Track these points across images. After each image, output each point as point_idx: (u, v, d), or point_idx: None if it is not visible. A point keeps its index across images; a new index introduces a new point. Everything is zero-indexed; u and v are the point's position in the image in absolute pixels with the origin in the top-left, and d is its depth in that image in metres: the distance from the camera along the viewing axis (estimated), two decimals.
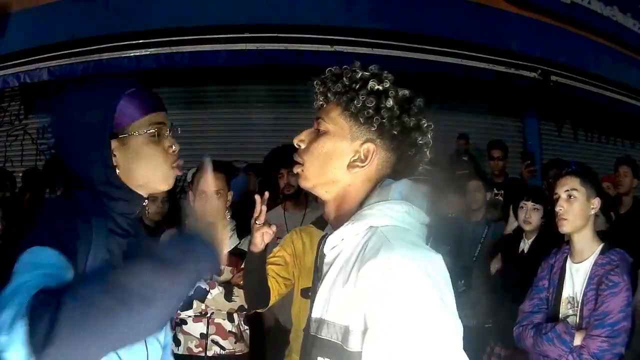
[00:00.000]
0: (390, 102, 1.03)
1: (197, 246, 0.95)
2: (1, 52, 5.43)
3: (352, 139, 1.05)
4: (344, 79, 1.06)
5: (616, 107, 7.00)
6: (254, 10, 5.34)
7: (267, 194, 1.87)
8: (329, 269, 1.05)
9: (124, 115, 1.09)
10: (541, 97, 6.43)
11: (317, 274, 1.12)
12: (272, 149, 3.43)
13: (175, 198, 4.43)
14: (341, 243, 1.03)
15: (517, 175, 4.68)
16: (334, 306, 1.00)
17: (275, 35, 5.42)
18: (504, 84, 6.09)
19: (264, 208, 1.84)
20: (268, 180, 3.87)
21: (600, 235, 2.21)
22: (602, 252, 2.08)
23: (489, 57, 5.99)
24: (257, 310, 2.45)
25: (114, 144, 1.09)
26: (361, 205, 1.05)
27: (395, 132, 1.04)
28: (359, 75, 1.05)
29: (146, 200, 1.17)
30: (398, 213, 1.01)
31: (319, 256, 1.12)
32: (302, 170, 1.09)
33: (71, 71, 5.40)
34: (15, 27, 5.42)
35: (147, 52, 5.38)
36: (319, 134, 1.08)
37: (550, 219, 2.50)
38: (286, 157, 3.17)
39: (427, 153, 1.09)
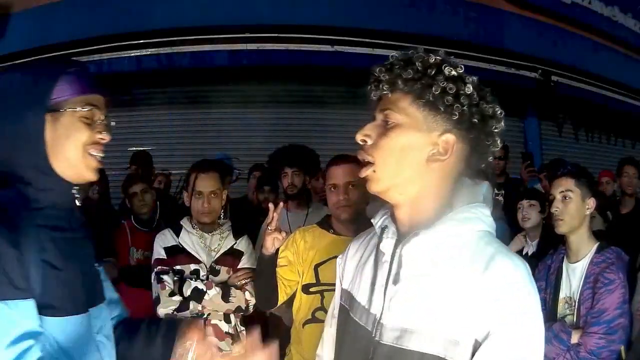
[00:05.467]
0: (469, 88, 0.94)
1: None
2: (1, 52, 5.43)
3: (428, 131, 0.94)
4: (417, 64, 0.95)
5: (616, 107, 7.01)
6: (255, 11, 5.34)
7: (281, 203, 1.90)
8: (414, 272, 0.95)
9: (61, 90, 1.07)
10: (541, 97, 6.43)
11: (389, 276, 0.99)
12: (276, 149, 3.41)
13: (172, 197, 4.44)
14: (433, 244, 0.94)
15: (517, 175, 4.68)
16: (432, 316, 0.91)
17: (276, 35, 5.42)
18: (504, 84, 6.09)
19: (276, 215, 1.87)
20: (268, 180, 3.86)
21: (597, 234, 2.21)
22: (597, 251, 2.09)
23: (489, 57, 6.00)
24: (270, 310, 2.47)
25: (47, 118, 1.07)
26: (443, 205, 0.97)
27: (476, 121, 0.94)
28: (432, 60, 0.95)
29: (75, 188, 1.14)
30: (487, 218, 0.98)
31: (392, 256, 0.99)
32: (375, 172, 0.97)
33: None
34: (15, 27, 5.42)
35: (147, 52, 5.38)
36: (387, 128, 0.96)
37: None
38: (290, 156, 3.19)
39: (499, 142, 0.98)
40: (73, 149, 1.08)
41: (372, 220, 1.10)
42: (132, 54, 5.39)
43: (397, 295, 0.96)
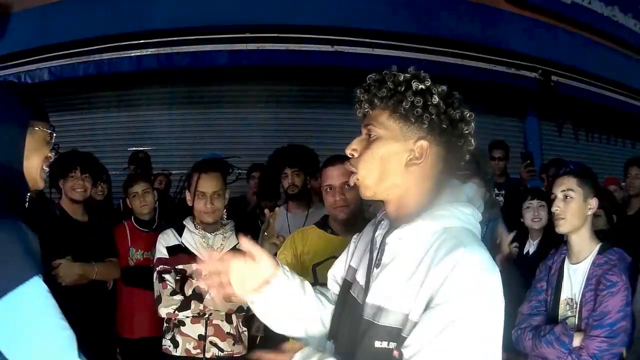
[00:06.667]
0: (435, 99, 1.08)
1: None
2: (1, 52, 5.43)
3: (404, 139, 1.09)
4: (388, 83, 1.09)
5: (616, 107, 7.01)
6: (255, 11, 5.34)
7: (277, 209, 1.91)
8: (392, 259, 1.10)
9: (39, 113, 1.29)
10: (541, 97, 6.43)
11: (374, 261, 1.15)
12: (276, 149, 3.40)
13: (172, 197, 4.44)
14: (410, 237, 1.07)
15: (517, 175, 4.68)
16: (398, 297, 1.04)
17: (276, 35, 5.42)
18: (504, 84, 6.09)
19: (273, 221, 1.87)
20: (268, 180, 3.86)
21: (599, 234, 2.18)
22: (600, 252, 2.06)
23: (489, 57, 6.00)
24: None
25: (28, 131, 1.27)
26: (425, 202, 1.10)
27: (445, 126, 1.08)
28: (401, 78, 1.09)
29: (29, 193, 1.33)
30: (466, 215, 1.09)
31: (380, 245, 1.15)
32: (359, 179, 1.12)
33: (72, 71, 5.41)
34: (15, 27, 5.42)
35: (147, 52, 5.38)
36: (370, 141, 1.12)
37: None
38: (290, 156, 3.19)
39: (472, 141, 1.13)
40: (38, 160, 1.30)
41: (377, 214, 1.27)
42: (132, 54, 5.39)
43: (377, 278, 1.11)
